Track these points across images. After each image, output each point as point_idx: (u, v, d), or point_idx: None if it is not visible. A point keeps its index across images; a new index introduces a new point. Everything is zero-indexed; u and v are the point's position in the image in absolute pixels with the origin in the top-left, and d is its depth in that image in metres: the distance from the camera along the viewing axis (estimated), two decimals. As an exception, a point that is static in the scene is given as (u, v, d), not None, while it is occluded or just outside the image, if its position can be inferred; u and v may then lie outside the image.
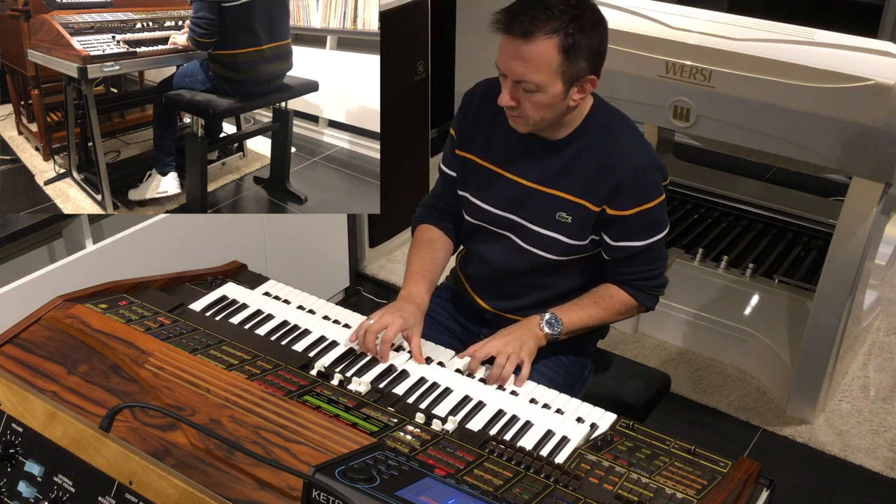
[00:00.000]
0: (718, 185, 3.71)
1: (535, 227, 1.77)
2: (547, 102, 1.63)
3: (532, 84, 1.60)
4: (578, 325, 1.78)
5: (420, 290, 1.79)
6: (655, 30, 2.65)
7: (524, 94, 1.62)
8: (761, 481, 1.42)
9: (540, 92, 1.61)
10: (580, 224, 1.74)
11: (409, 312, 1.72)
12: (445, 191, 1.93)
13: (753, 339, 2.97)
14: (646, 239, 1.75)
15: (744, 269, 3.18)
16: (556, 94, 1.62)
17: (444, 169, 1.92)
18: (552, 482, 1.34)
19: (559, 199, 1.74)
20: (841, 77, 2.36)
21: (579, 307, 1.79)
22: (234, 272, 1.96)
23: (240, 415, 1.39)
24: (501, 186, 1.80)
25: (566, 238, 1.76)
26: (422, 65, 3.31)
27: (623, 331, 3.15)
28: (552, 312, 1.76)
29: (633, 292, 1.81)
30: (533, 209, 1.77)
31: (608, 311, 1.80)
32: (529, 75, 1.59)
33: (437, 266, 1.88)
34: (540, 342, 1.74)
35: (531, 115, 1.65)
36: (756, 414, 2.80)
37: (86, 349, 1.55)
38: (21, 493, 1.27)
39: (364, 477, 1.12)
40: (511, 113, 1.68)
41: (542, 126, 1.69)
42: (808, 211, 3.53)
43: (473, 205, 1.85)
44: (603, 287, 1.82)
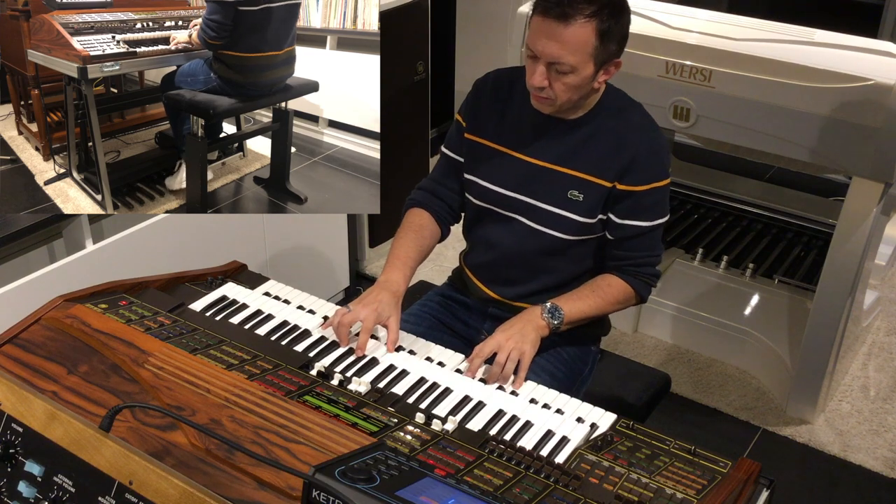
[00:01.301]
0: (718, 185, 3.71)
1: (547, 205, 1.80)
2: (577, 84, 1.67)
3: (567, 66, 1.63)
4: (579, 314, 1.79)
5: (398, 277, 1.80)
6: (655, 30, 2.65)
7: (556, 76, 1.66)
8: (761, 481, 1.42)
9: (573, 74, 1.65)
10: (591, 201, 1.77)
11: (384, 303, 1.73)
12: (446, 175, 1.94)
13: (753, 339, 2.97)
14: (650, 220, 1.78)
15: (744, 269, 3.18)
16: (587, 76, 1.66)
17: (448, 153, 1.94)
18: (552, 482, 1.34)
19: (571, 177, 1.77)
20: (841, 77, 2.36)
21: (579, 297, 1.80)
22: (234, 272, 1.96)
23: (240, 415, 1.39)
24: (512, 167, 1.82)
25: (577, 216, 1.78)
26: (422, 65, 3.31)
27: (623, 331, 3.15)
28: (553, 302, 1.77)
29: (629, 280, 1.82)
30: (544, 188, 1.80)
31: (607, 300, 1.82)
32: (566, 57, 1.62)
33: (421, 253, 1.89)
34: (542, 332, 1.75)
35: (560, 95, 1.68)
36: (756, 414, 2.80)
37: (86, 349, 1.55)
38: (21, 493, 1.27)
39: (364, 477, 1.12)
40: (539, 94, 1.70)
41: (567, 107, 1.73)
42: (808, 211, 3.52)
43: (481, 187, 1.86)
44: (601, 277, 1.84)
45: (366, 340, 1.68)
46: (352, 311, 1.71)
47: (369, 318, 1.70)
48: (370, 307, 1.71)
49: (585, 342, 1.95)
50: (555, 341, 1.87)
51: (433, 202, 1.95)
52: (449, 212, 1.96)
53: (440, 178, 1.96)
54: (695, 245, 3.33)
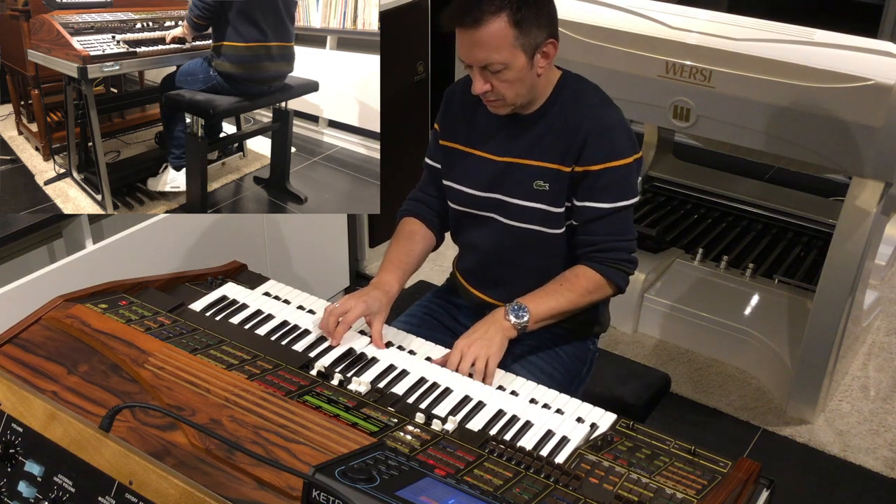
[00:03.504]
0: (718, 185, 3.71)
1: (516, 199, 1.81)
2: (516, 77, 1.68)
3: (498, 64, 1.65)
4: (547, 311, 1.76)
5: (390, 279, 1.82)
6: (655, 30, 2.65)
7: (493, 77, 1.68)
8: (761, 481, 1.42)
9: (507, 69, 1.67)
10: (556, 190, 1.77)
11: (374, 298, 1.74)
12: (430, 183, 1.97)
13: (753, 339, 2.97)
14: (611, 202, 1.76)
15: (744, 269, 3.18)
16: (521, 66, 1.67)
17: (428, 162, 1.97)
18: (552, 482, 1.34)
19: (535, 167, 1.78)
20: (841, 77, 2.36)
21: (545, 293, 1.78)
22: (234, 272, 1.96)
23: (240, 415, 1.39)
24: (481, 167, 1.84)
25: (546, 206, 1.78)
26: (422, 65, 3.31)
27: (623, 331, 3.15)
28: (518, 301, 1.75)
29: (599, 268, 1.79)
30: (512, 183, 1.81)
31: (576, 292, 1.78)
32: (492, 56, 1.65)
33: (413, 257, 1.90)
34: (508, 333, 1.72)
35: (506, 93, 1.70)
36: (756, 414, 2.80)
37: (86, 349, 1.55)
38: (21, 493, 1.27)
39: (364, 477, 1.12)
40: (488, 99, 1.73)
41: (520, 102, 1.74)
42: (808, 211, 3.52)
43: (458, 191, 1.88)
44: (570, 270, 1.81)
45: (344, 331, 1.70)
46: (341, 303, 1.72)
47: (356, 308, 1.71)
48: (359, 300, 1.73)
49: (583, 341, 1.95)
50: (552, 342, 1.86)
51: (423, 210, 1.97)
52: (439, 219, 1.98)
53: (425, 188, 1.99)
54: (695, 245, 3.33)
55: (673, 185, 3.74)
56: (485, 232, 1.88)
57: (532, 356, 1.85)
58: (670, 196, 3.71)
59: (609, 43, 2.66)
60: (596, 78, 1.85)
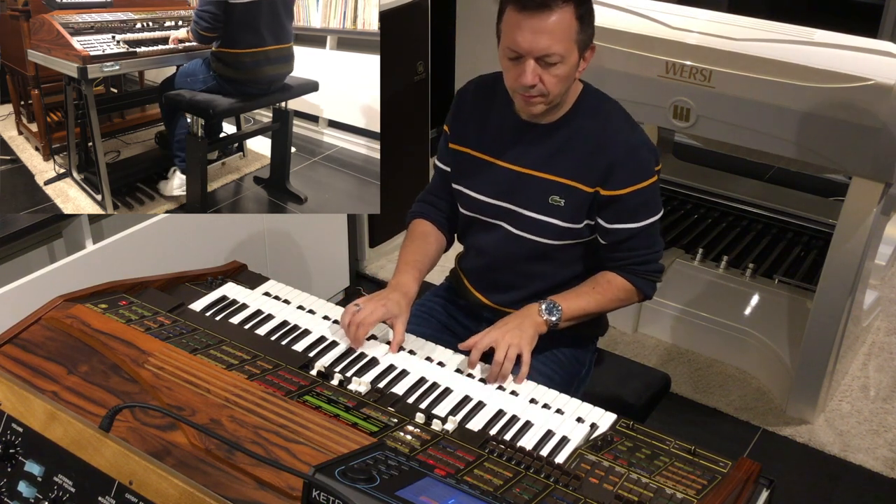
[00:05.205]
0: (718, 185, 3.71)
1: (528, 212, 1.79)
2: (567, 74, 1.65)
3: (556, 56, 1.61)
4: (578, 311, 1.77)
5: (408, 280, 1.80)
6: (655, 30, 2.65)
7: (545, 70, 1.63)
8: (761, 481, 1.42)
9: (562, 63, 1.63)
10: (574, 207, 1.75)
11: (394, 302, 1.73)
12: (440, 186, 1.96)
13: (753, 339, 2.97)
14: (641, 221, 1.76)
15: (744, 269, 3.18)
16: (573, 63, 1.65)
17: (438, 164, 1.96)
18: (552, 482, 1.34)
19: (551, 182, 1.76)
20: (841, 77, 2.36)
21: (577, 294, 1.79)
22: (234, 272, 1.96)
23: (240, 415, 1.39)
24: (494, 175, 1.81)
25: (560, 221, 1.77)
26: (422, 65, 3.31)
27: (623, 331, 3.15)
28: (551, 299, 1.76)
29: (630, 278, 1.81)
30: (525, 194, 1.79)
31: (607, 297, 1.80)
32: (554, 47, 1.60)
33: (428, 257, 1.89)
34: (540, 329, 1.73)
35: (552, 89, 1.65)
36: (756, 414, 2.80)
37: (86, 349, 1.55)
38: (21, 493, 1.27)
39: (364, 477, 1.12)
40: (530, 94, 1.66)
41: (556, 101, 1.70)
42: (808, 211, 3.52)
43: (467, 196, 1.87)
44: (601, 274, 1.83)
45: (364, 334, 1.69)
46: (361, 308, 1.70)
47: (377, 311, 1.69)
48: (379, 303, 1.71)
49: (582, 344, 1.95)
50: (550, 344, 1.86)
51: (433, 212, 1.96)
52: (448, 222, 1.97)
53: (435, 190, 1.97)
54: (695, 245, 3.33)
55: (673, 185, 3.74)
56: (492, 238, 1.86)
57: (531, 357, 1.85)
58: (670, 196, 3.71)
59: (609, 43, 2.65)
60: (596, 78, 1.85)
